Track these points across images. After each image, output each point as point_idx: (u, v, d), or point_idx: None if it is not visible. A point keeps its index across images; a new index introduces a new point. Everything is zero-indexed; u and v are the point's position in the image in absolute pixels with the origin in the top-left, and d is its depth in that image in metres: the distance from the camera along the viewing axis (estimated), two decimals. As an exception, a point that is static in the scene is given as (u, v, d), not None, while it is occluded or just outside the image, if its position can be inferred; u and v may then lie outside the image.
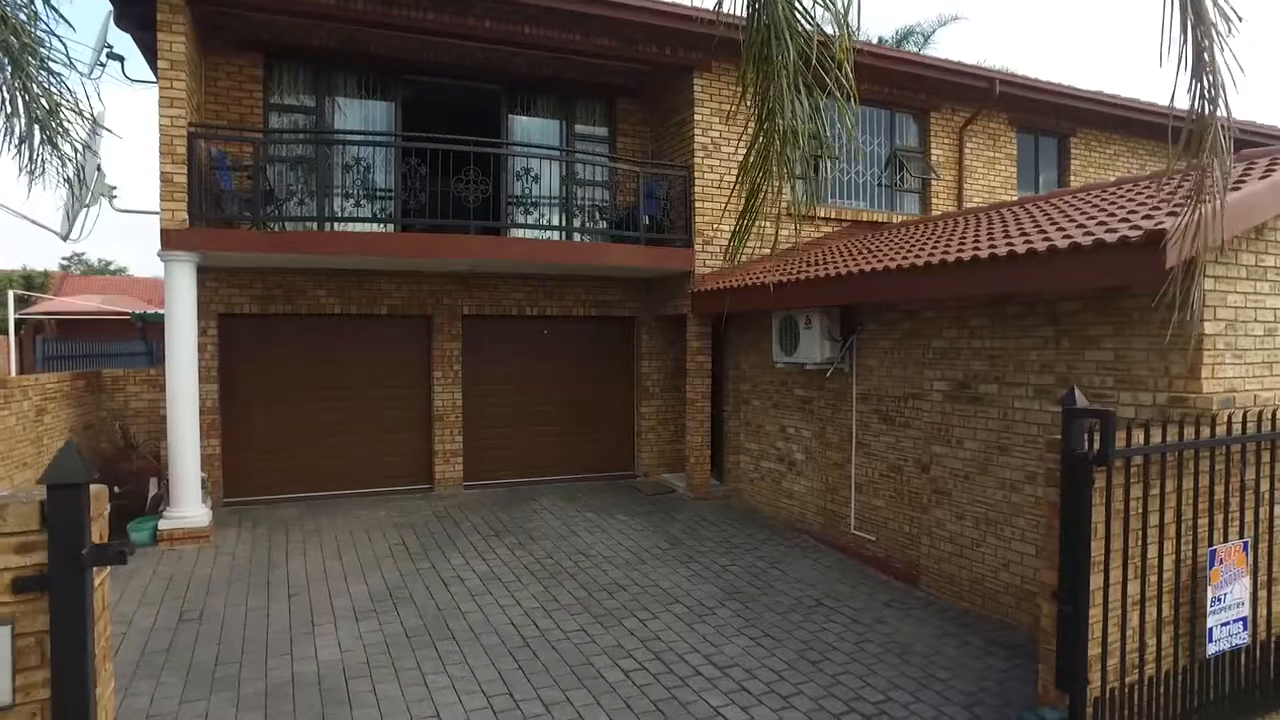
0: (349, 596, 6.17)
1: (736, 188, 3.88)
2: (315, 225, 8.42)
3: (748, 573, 6.95)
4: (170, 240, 7.01)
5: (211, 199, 7.65)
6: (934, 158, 10.92)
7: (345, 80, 9.15)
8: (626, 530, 8.16)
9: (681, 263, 9.28)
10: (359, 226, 8.75)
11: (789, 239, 9.84)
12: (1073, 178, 12.09)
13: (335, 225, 8.64)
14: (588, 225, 9.76)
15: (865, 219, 10.37)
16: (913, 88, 10.53)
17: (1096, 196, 6.65)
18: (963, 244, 6.18)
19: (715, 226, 9.43)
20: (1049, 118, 11.69)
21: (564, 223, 9.37)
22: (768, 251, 9.66)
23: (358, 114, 9.20)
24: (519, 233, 9.26)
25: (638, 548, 7.60)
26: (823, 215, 10.05)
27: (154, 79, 6.85)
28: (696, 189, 9.33)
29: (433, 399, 9.53)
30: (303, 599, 6.10)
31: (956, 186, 11.08)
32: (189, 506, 7.34)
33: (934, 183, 10.94)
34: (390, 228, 8.94)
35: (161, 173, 6.97)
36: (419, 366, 9.57)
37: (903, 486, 7.00)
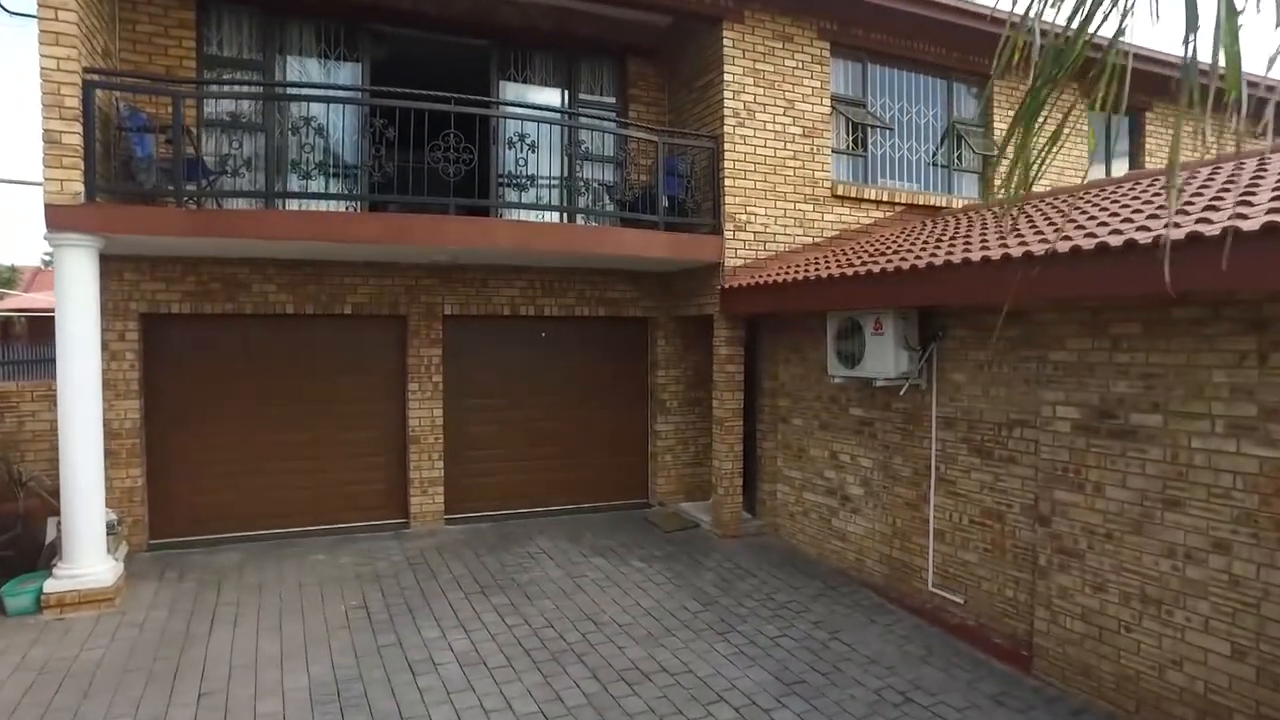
0: (281, 697, 4.57)
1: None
2: (263, 204, 6.81)
3: (805, 648, 5.38)
4: (58, 219, 5.40)
5: (120, 167, 6.03)
6: (997, 132, 9.35)
7: (301, 33, 7.52)
8: (645, 584, 6.57)
9: (707, 253, 7.69)
10: (318, 206, 7.13)
11: (837, 224, 8.31)
12: (1148, 159, 10.54)
13: (288, 204, 7.03)
14: (594, 206, 8.15)
15: (921, 202, 8.79)
16: (974, 49, 8.95)
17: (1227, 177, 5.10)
18: (1087, 226, 4.62)
19: (748, 209, 7.84)
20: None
21: (565, 202, 7.75)
22: (809, 238, 8.11)
23: (316, 76, 7.57)
24: (512, 215, 7.65)
25: (661, 610, 6.02)
26: (871, 197, 8.48)
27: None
28: (726, 164, 7.74)
29: (407, 416, 7.93)
30: (217, 701, 4.50)
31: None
32: (87, 560, 5.73)
33: (994, 162, 9.36)
34: (358, 207, 7.34)
35: (45, 131, 5.35)
36: (391, 377, 7.96)
37: (1004, 539, 5.43)
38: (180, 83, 6.46)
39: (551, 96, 8.53)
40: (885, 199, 8.56)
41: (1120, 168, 10.53)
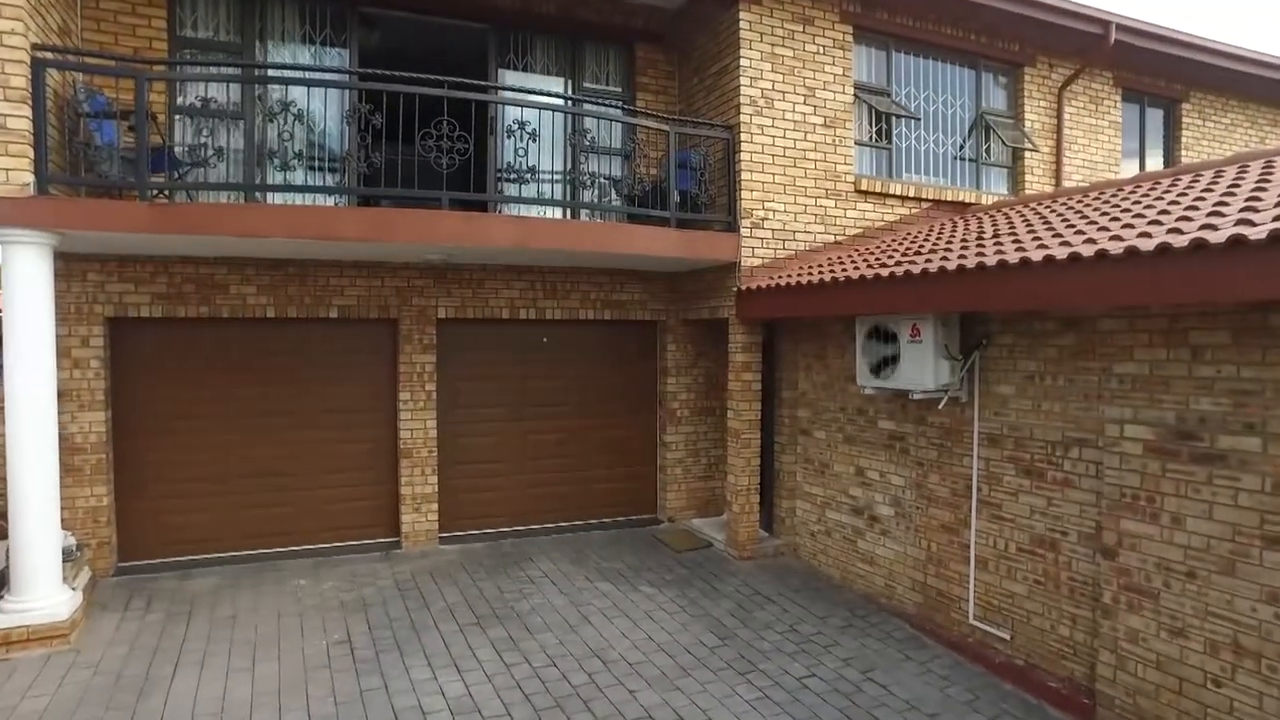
0: (245, 759, 4.01)
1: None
2: (241, 198, 6.24)
3: (835, 691, 4.82)
4: (4, 212, 4.83)
5: (78, 156, 5.46)
6: (1027, 123, 8.78)
7: (284, 14, 6.95)
8: (657, 613, 6.01)
9: (722, 251, 7.13)
10: (301, 200, 6.55)
11: (861, 221, 7.74)
12: (1184, 153, 9.97)
13: (268, 198, 6.46)
14: (600, 201, 7.58)
15: (949, 198, 8.22)
16: (1004, 34, 8.38)
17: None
18: (1148, 221, 4.06)
19: (766, 205, 7.28)
20: (1159, 77, 9.56)
21: (569, 196, 7.17)
22: (830, 236, 7.55)
23: (301, 61, 7.00)
24: (512, 211, 7.08)
25: (675, 645, 5.45)
26: (896, 192, 7.91)
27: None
28: (742, 156, 7.18)
29: (399, 428, 7.36)
30: (172, 764, 3.93)
31: (1054, 160, 8.94)
32: (39, 591, 5.17)
33: (1026, 156, 8.80)
34: (347, 202, 6.77)
35: (-11, 115, 4.79)
36: (381, 386, 7.39)
37: (1059, 571, 4.86)
38: (143, 63, 5.89)
39: (554, 86, 7.96)
40: (911, 194, 7.99)
41: (1154, 163, 9.96)
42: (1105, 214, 5.15)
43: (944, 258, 5.23)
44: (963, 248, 5.50)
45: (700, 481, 8.52)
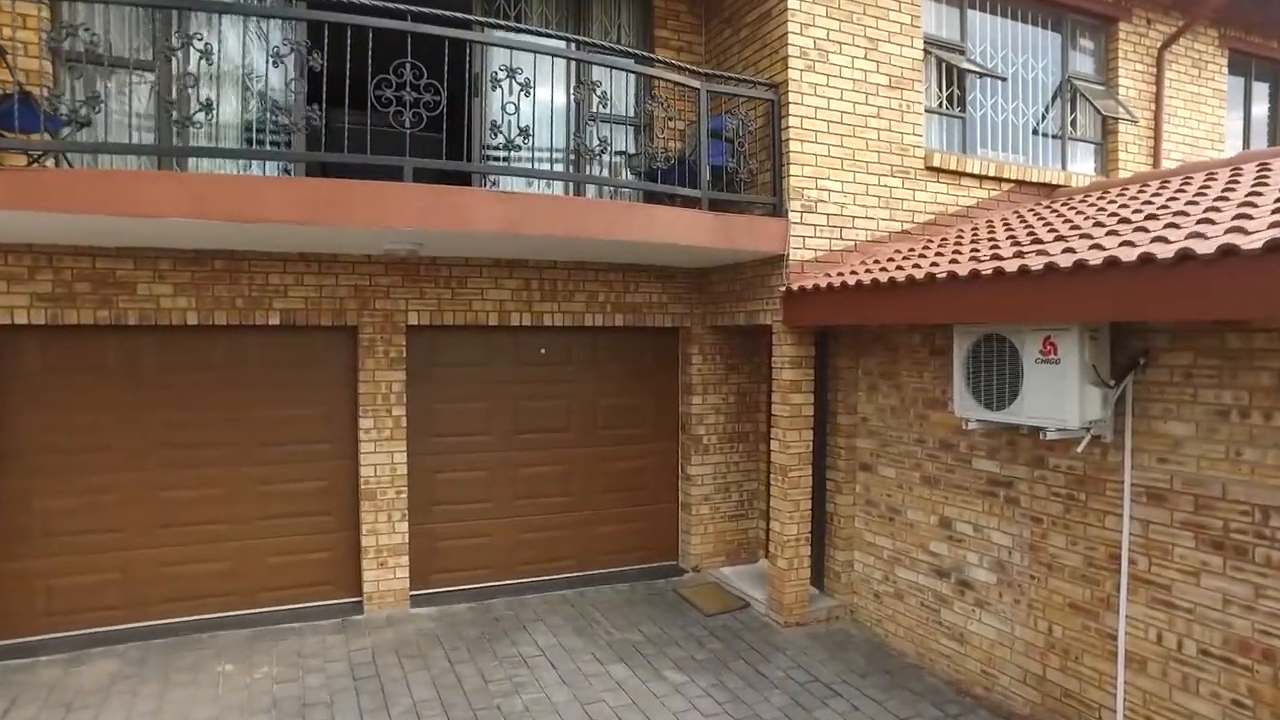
0: None
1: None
2: (154, 164, 4.76)
3: None
4: None
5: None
6: (1121, 91, 7.31)
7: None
8: (688, 712, 4.54)
9: (765, 240, 5.66)
10: (230, 169, 5.06)
11: (932, 205, 6.30)
12: (1292, 129, 8.52)
13: (190, 165, 4.98)
14: (613, 176, 6.09)
15: (1034, 179, 6.75)
16: (1099, -18, 6.93)
17: None
18: None
19: (820, 184, 5.81)
20: (1271, 38, 8.11)
21: (573, 166, 5.67)
22: (897, 224, 6.11)
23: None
24: (507, 185, 5.58)
25: (719, 775, 3.98)
26: (974, 171, 6.44)
27: None
28: (791, 121, 5.71)
29: (359, 463, 5.88)
30: None
31: (1152, 134, 7.48)
32: None
33: (1120, 130, 7.33)
34: (292, 172, 5.29)
35: None
36: (336, 410, 5.92)
37: (1278, 691, 3.41)
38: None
39: (554, 44, 6.47)
40: (991, 173, 6.52)
41: (1259, 140, 8.50)
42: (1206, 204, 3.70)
43: (1094, 246, 3.76)
44: (1109, 234, 4.02)
45: (730, 522, 7.04)
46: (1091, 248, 3.73)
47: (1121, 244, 3.57)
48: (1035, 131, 7.14)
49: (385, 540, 5.94)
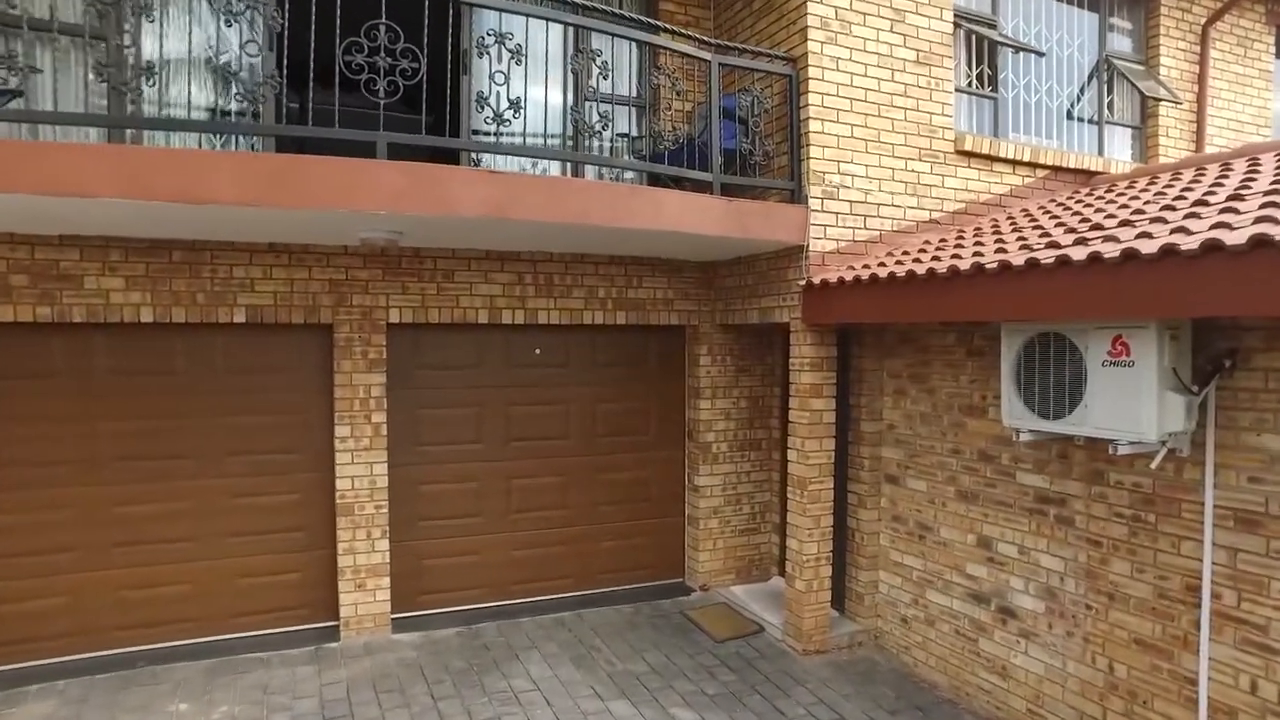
0: None
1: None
2: (102, 136, 4.23)
3: None
4: None
5: None
6: (1162, 72, 6.78)
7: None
8: (701, 769, 4.01)
9: (782, 229, 5.13)
10: (192, 143, 4.51)
11: (962, 192, 5.79)
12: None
13: (143, 138, 4.44)
14: (615, 156, 5.55)
15: (1072, 165, 6.21)
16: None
17: None
18: None
19: (842, 167, 5.28)
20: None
21: (569, 142, 5.12)
22: (925, 212, 5.60)
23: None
24: (498, 163, 5.03)
25: (737, 840, 3.44)
26: (1007, 155, 5.90)
27: None
28: (811, 99, 5.18)
29: (335, 475, 5.34)
30: None
31: (1195, 118, 6.94)
32: None
33: (1161, 114, 6.80)
34: (260, 146, 4.73)
35: None
36: (309, 417, 5.38)
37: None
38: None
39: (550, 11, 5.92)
40: (1026, 158, 5.98)
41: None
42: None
43: (1178, 229, 3.22)
44: (1188, 217, 3.48)
45: (741, 537, 6.51)
46: (1175, 231, 3.19)
47: (1214, 227, 3.03)
48: (1069, 115, 6.61)
49: (364, 559, 5.40)
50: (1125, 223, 3.76)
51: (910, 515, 5.24)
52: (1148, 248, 3.05)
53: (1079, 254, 3.34)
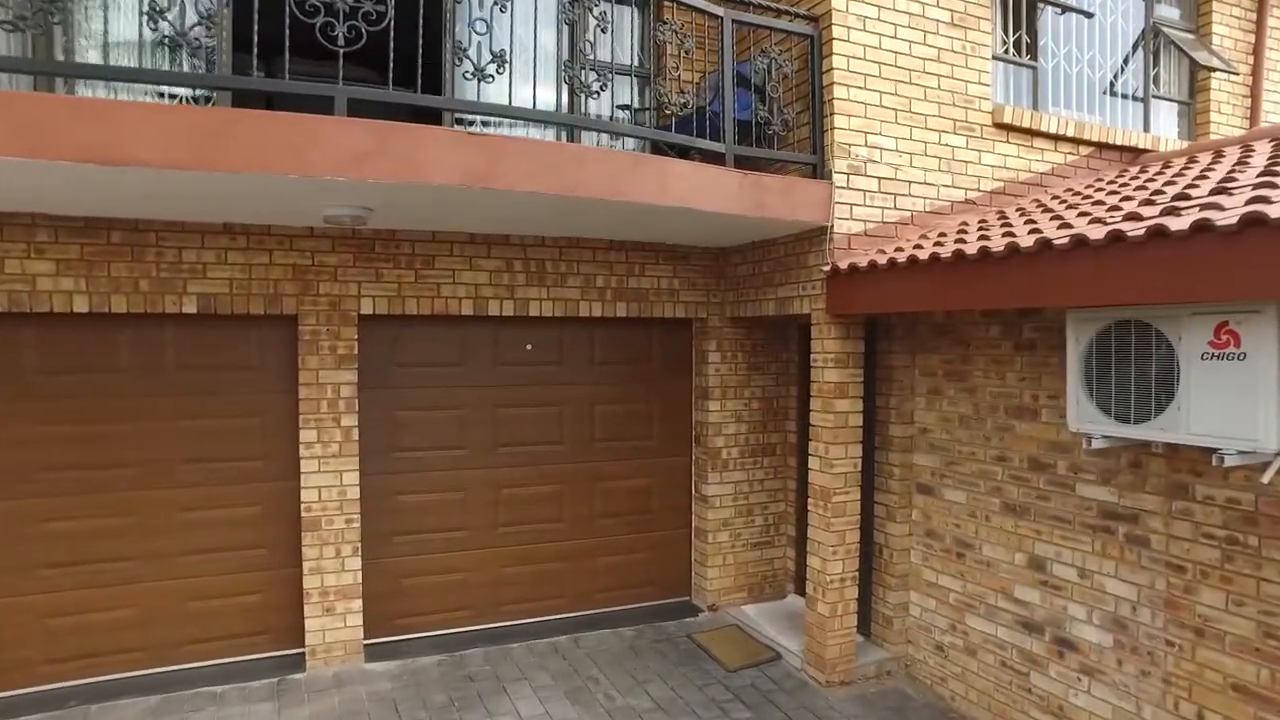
0: None
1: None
2: (33, 85, 3.64)
3: None
4: None
5: None
6: (1215, 40, 6.20)
7: None
8: (716, 834, 3.42)
9: (804, 207, 4.55)
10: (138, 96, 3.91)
11: (1000, 170, 5.21)
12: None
13: (82, 89, 3.85)
14: (616, 120, 4.95)
15: (1118, 141, 5.63)
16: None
17: None
18: None
19: (870, 140, 4.69)
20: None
21: (564, 103, 4.53)
22: (959, 191, 5.02)
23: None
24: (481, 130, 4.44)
25: None
26: (1049, 129, 5.32)
27: None
28: (835, 61, 4.60)
29: (300, 484, 4.75)
30: None
31: (1249, 92, 6.36)
32: None
33: (1212, 88, 6.22)
34: (211, 102, 4.14)
35: None
36: (271, 419, 4.79)
37: None
38: None
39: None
40: (1070, 134, 5.40)
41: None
42: None
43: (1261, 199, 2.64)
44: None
45: (753, 551, 5.92)
46: (1300, 195, 2.61)
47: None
48: (1111, 89, 6.03)
49: (332, 580, 4.81)
50: (1219, 190, 3.18)
51: (947, 530, 4.65)
52: (1276, 212, 2.46)
53: (1177, 224, 2.76)
